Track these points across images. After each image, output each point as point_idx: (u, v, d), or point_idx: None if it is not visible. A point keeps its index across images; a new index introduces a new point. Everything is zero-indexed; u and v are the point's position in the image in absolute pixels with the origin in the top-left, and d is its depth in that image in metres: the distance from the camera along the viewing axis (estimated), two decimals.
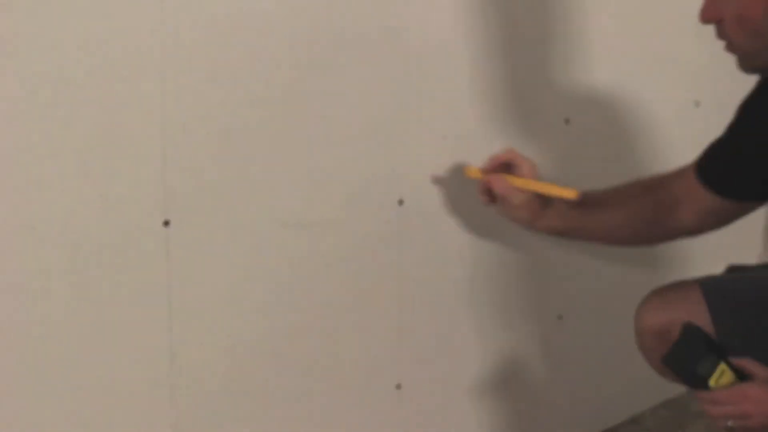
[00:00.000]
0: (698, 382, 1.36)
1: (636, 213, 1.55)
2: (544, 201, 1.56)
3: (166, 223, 1.29)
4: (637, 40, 1.94)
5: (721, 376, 1.35)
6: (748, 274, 1.57)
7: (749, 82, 1.40)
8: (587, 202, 1.57)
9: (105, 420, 1.28)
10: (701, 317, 1.48)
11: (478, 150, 1.61)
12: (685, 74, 2.09)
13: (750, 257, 2.34)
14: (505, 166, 1.57)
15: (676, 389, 1.98)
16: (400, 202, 1.56)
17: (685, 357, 1.37)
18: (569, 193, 1.53)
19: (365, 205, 1.52)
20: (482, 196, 1.58)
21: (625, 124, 1.95)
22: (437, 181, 1.61)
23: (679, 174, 1.53)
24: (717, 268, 1.65)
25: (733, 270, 1.60)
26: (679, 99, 2.09)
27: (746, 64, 1.30)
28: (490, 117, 1.69)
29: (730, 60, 1.32)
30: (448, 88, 1.61)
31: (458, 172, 1.62)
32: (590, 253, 1.90)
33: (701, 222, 1.52)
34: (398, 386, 1.62)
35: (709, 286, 1.52)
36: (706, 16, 1.29)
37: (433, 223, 1.62)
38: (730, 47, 1.29)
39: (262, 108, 1.37)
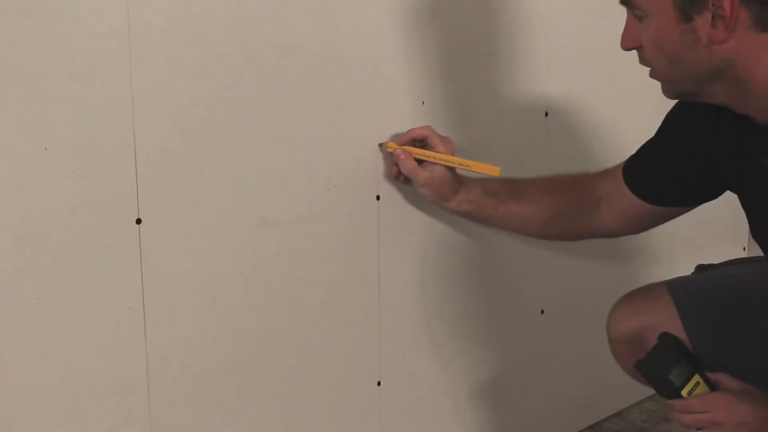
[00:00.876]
0: (671, 390, 1.37)
1: (554, 208, 1.56)
2: (456, 182, 1.55)
3: (138, 221, 1.28)
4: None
5: (695, 387, 1.36)
6: (716, 273, 1.57)
7: None
8: (504, 191, 1.57)
9: (78, 422, 1.27)
10: (671, 322, 1.49)
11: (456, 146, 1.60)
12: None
13: (737, 251, 2.34)
14: (421, 143, 1.54)
15: None
16: (378, 198, 1.55)
17: (659, 365, 1.38)
18: (491, 170, 1.52)
19: (342, 201, 1.51)
20: (393, 169, 1.56)
21: (602, 118, 1.94)
22: None
23: (605, 174, 1.54)
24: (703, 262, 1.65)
25: (702, 269, 1.60)
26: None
27: (670, 90, 1.28)
28: (466, 114, 1.69)
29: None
30: (422, 84, 1.60)
31: None
32: (572, 248, 1.89)
33: (622, 224, 1.54)
34: (379, 383, 1.62)
35: (677, 290, 1.52)
36: (625, 43, 1.26)
37: (412, 218, 1.62)
38: (653, 73, 1.27)
39: (235, 105, 1.36)
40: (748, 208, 1.35)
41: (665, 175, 1.46)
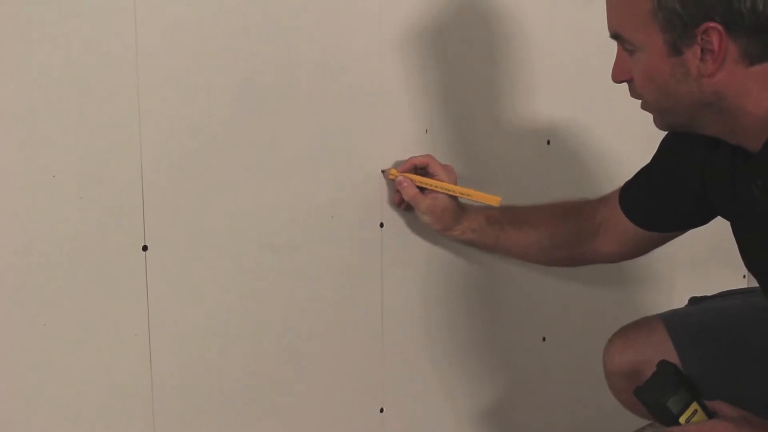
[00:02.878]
0: (669, 418, 1.37)
1: (555, 236, 1.58)
2: (459, 210, 1.56)
3: (145, 248, 1.29)
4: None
5: (693, 415, 1.36)
6: (709, 304, 1.58)
7: None
8: (505, 219, 1.59)
9: None
10: (667, 354, 1.49)
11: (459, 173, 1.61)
12: None
13: (737, 279, 2.34)
14: (422, 171, 1.56)
15: None
16: (381, 225, 1.56)
17: (657, 392, 1.38)
18: (491, 200, 1.54)
19: (346, 227, 1.52)
20: (395, 196, 1.57)
21: (605, 146, 1.95)
22: None
23: (603, 201, 1.56)
24: (702, 291, 1.65)
25: (695, 301, 1.61)
26: None
27: (661, 122, 1.30)
28: (469, 141, 1.70)
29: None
30: (425, 112, 1.61)
31: None
32: (574, 275, 1.90)
33: (620, 250, 1.56)
34: (381, 410, 1.62)
35: (672, 322, 1.53)
36: (616, 76, 1.28)
37: (415, 246, 1.62)
38: (645, 105, 1.28)
39: (240, 132, 1.37)
40: (738, 235, 1.37)
41: (658, 202, 1.47)
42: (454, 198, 1.55)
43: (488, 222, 1.58)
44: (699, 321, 1.53)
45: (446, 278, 1.69)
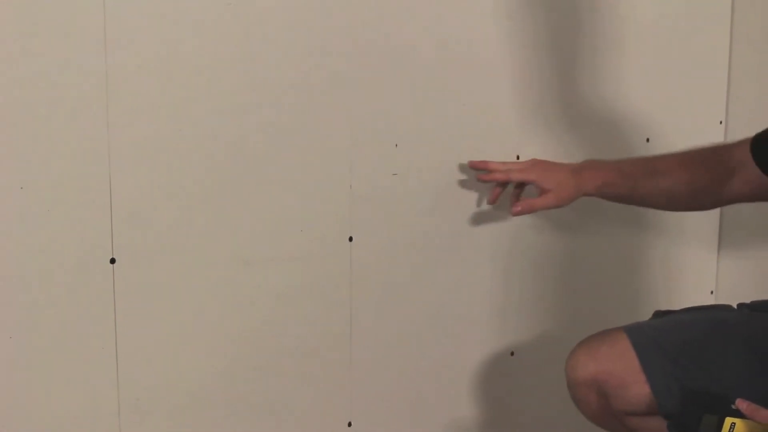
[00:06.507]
0: None
1: (693, 182, 1.60)
2: (578, 180, 1.62)
3: (113, 261, 1.29)
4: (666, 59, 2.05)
5: (732, 428, 1.33)
6: (673, 318, 1.59)
7: None
8: (638, 170, 1.62)
9: None
10: (630, 364, 1.50)
11: (434, 183, 1.62)
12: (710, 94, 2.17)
13: (704, 295, 2.36)
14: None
15: None
16: (351, 239, 1.57)
17: (686, 424, 1.36)
18: None
19: (315, 242, 1.53)
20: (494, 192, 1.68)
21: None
22: (387, 217, 1.61)
23: (737, 145, 1.57)
24: (670, 306, 1.67)
25: (659, 315, 1.63)
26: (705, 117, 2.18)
27: None
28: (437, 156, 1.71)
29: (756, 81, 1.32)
30: (394, 127, 1.62)
31: (410, 207, 1.63)
32: (541, 287, 1.91)
33: (753, 193, 1.57)
34: (350, 423, 1.62)
35: (636, 334, 1.54)
36: None
37: (384, 259, 1.63)
38: None
39: (209, 147, 1.38)
40: None
41: None
42: (566, 172, 1.63)
43: (621, 175, 1.63)
44: (663, 333, 1.54)
45: (414, 292, 1.69)
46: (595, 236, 1.98)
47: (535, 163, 1.67)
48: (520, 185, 1.68)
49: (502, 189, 1.69)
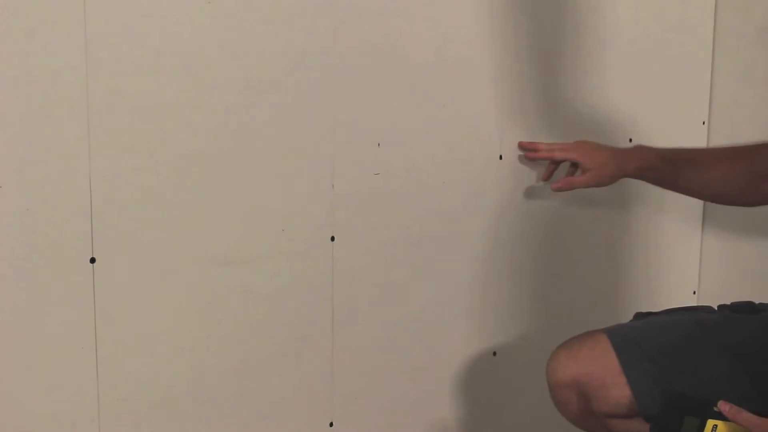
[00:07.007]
0: None
1: (728, 178, 1.61)
2: (620, 161, 1.69)
3: (93, 260, 1.29)
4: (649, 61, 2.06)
5: (714, 430, 1.33)
6: (654, 319, 1.60)
7: None
8: (681, 158, 1.65)
9: None
10: (611, 366, 1.51)
11: (418, 185, 1.62)
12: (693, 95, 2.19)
13: (687, 295, 2.37)
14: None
15: None
16: (332, 239, 1.57)
17: (668, 426, 1.36)
18: None
19: (297, 241, 1.52)
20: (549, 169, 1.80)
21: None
22: (369, 217, 1.61)
23: None
24: (653, 307, 1.68)
25: (640, 316, 1.64)
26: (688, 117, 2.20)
27: None
28: (417, 155, 1.71)
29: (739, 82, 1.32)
30: (377, 125, 1.62)
31: (392, 207, 1.63)
32: (524, 288, 1.91)
33: None
34: (331, 424, 1.62)
35: (616, 335, 1.55)
36: None
37: (366, 258, 1.63)
38: None
39: (189, 145, 1.37)
40: None
41: None
42: (608, 153, 1.70)
43: (664, 161, 1.66)
44: (643, 334, 1.54)
45: (397, 292, 1.69)
46: (578, 237, 1.98)
47: (579, 144, 1.75)
48: (574, 165, 1.75)
49: (555, 167, 1.80)
